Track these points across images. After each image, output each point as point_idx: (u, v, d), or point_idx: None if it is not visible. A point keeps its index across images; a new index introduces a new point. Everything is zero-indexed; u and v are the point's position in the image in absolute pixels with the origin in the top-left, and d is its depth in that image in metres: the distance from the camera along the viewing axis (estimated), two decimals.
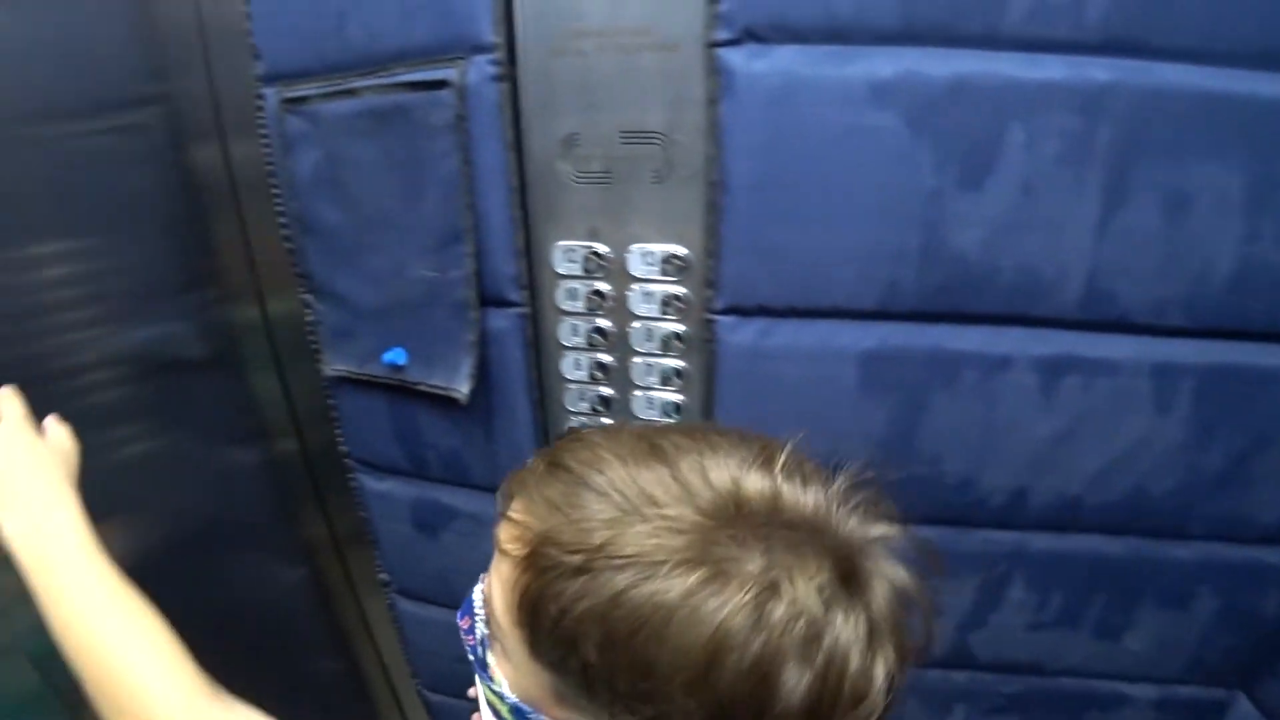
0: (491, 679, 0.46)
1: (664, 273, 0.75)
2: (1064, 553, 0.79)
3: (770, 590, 0.34)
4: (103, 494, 0.82)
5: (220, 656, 0.97)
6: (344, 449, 0.98)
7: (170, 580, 0.92)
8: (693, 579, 0.34)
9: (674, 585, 0.34)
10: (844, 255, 0.69)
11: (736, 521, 0.36)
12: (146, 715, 0.48)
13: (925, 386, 0.73)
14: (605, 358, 0.81)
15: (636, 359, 0.80)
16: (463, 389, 0.80)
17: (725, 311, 0.74)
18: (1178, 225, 0.65)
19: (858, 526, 0.38)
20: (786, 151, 0.67)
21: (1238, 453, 0.72)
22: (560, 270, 0.78)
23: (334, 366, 0.91)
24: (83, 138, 0.81)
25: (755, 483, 0.38)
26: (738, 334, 0.74)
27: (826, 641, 0.34)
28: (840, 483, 0.40)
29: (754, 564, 0.34)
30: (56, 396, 0.77)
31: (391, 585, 1.06)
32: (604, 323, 0.79)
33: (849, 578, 0.36)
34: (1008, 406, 0.73)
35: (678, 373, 0.79)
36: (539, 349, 0.81)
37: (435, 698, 1.15)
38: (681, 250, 0.74)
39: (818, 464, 0.42)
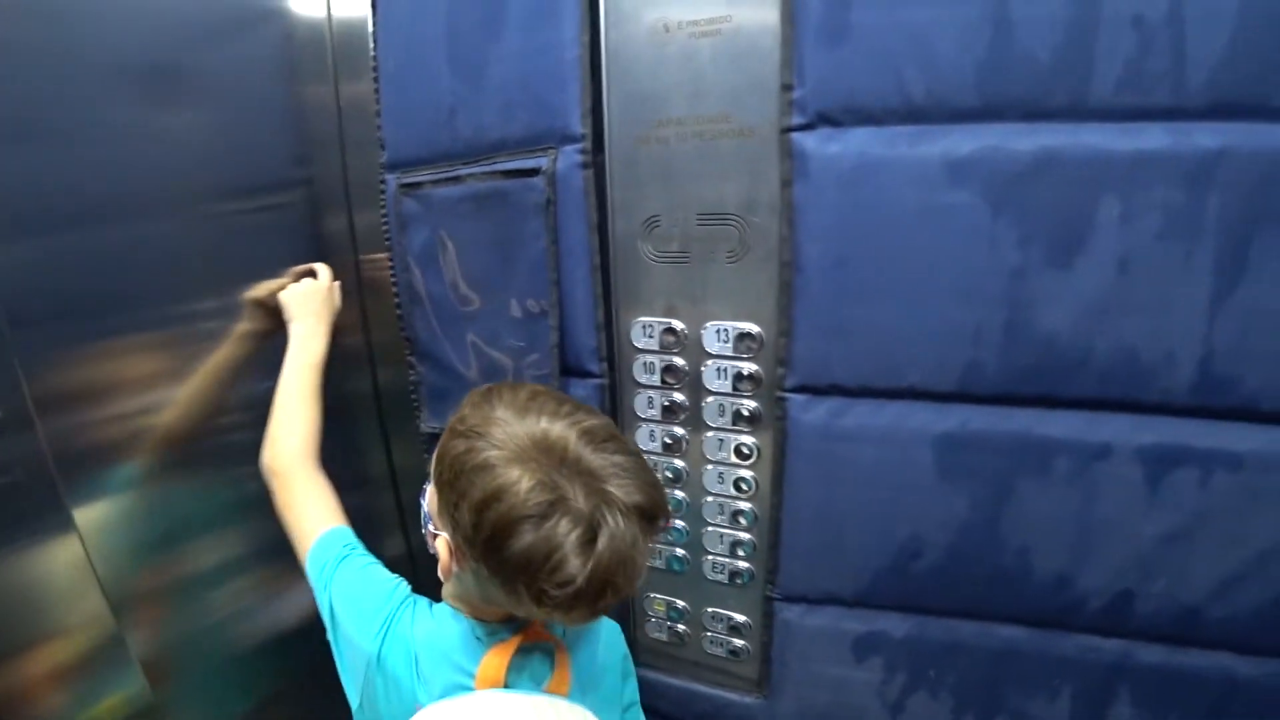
0: (425, 519, 0.66)
1: (737, 350, 0.76)
2: (1182, 669, 0.70)
3: (544, 487, 0.52)
4: (224, 530, 0.92)
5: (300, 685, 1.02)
6: None
7: (260, 611, 1.00)
8: (500, 455, 0.54)
9: (493, 457, 0.54)
10: (921, 335, 0.68)
11: (541, 450, 0.54)
12: (281, 447, 0.80)
13: (1011, 473, 0.69)
14: (679, 430, 0.82)
15: (709, 433, 0.81)
16: None
17: (797, 390, 0.74)
18: None
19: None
20: (860, 231, 0.67)
21: None
22: (638, 344, 0.81)
23: (429, 424, 0.98)
24: (240, 215, 0.94)
25: (557, 430, 0.55)
26: (809, 413, 0.73)
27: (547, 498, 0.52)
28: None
29: (539, 475, 0.53)
30: (208, 433, 0.89)
31: None
32: (678, 396, 0.81)
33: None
34: (1109, 500, 0.67)
35: (748, 449, 0.79)
36: (616, 419, 0.84)
37: None
38: (754, 328, 0.75)
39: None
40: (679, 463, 0.83)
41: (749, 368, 0.76)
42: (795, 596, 0.80)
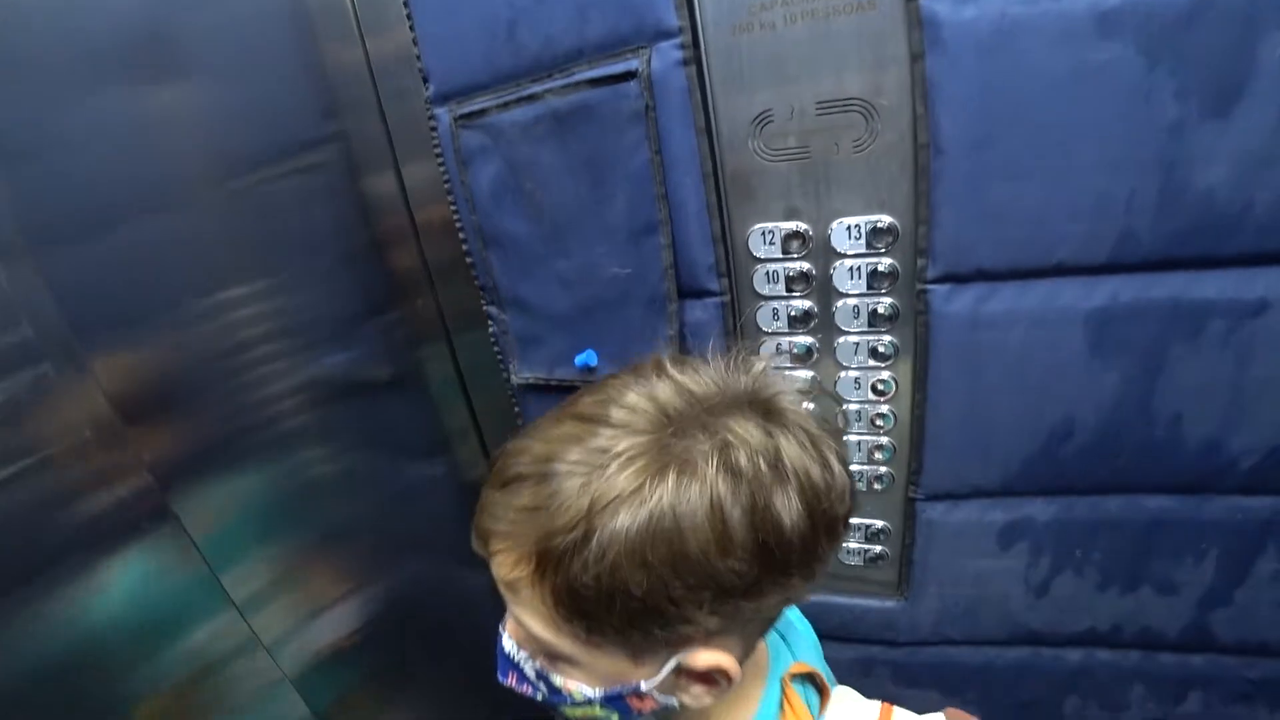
0: (571, 695, 0.48)
1: (871, 246, 0.73)
2: None
3: (725, 450, 0.40)
4: (305, 509, 0.87)
5: (408, 657, 1.00)
6: None
7: (365, 590, 0.97)
8: (670, 481, 0.39)
9: (661, 494, 0.39)
10: (1072, 208, 0.66)
11: (670, 424, 0.42)
12: None
13: (1164, 342, 0.68)
14: (808, 339, 0.79)
15: (842, 339, 0.78)
16: None
17: (939, 280, 0.71)
18: None
19: (750, 377, 0.45)
20: (1004, 102, 0.64)
21: None
22: (759, 254, 0.77)
23: (522, 375, 0.92)
24: (268, 183, 0.85)
25: (664, 391, 0.43)
26: (953, 303, 0.71)
27: (786, 461, 0.41)
28: (729, 354, 0.47)
29: (703, 443, 0.40)
30: (260, 424, 0.82)
31: None
32: (806, 304, 0.77)
33: (769, 412, 0.43)
34: (1265, 357, 0.67)
35: (886, 349, 0.76)
36: (739, 337, 0.80)
37: None
38: (889, 220, 0.71)
39: (693, 355, 0.48)
40: (810, 373, 0.80)
41: (885, 263, 0.73)
42: (939, 494, 0.79)
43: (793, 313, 0.78)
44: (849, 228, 0.73)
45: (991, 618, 0.86)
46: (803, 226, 0.74)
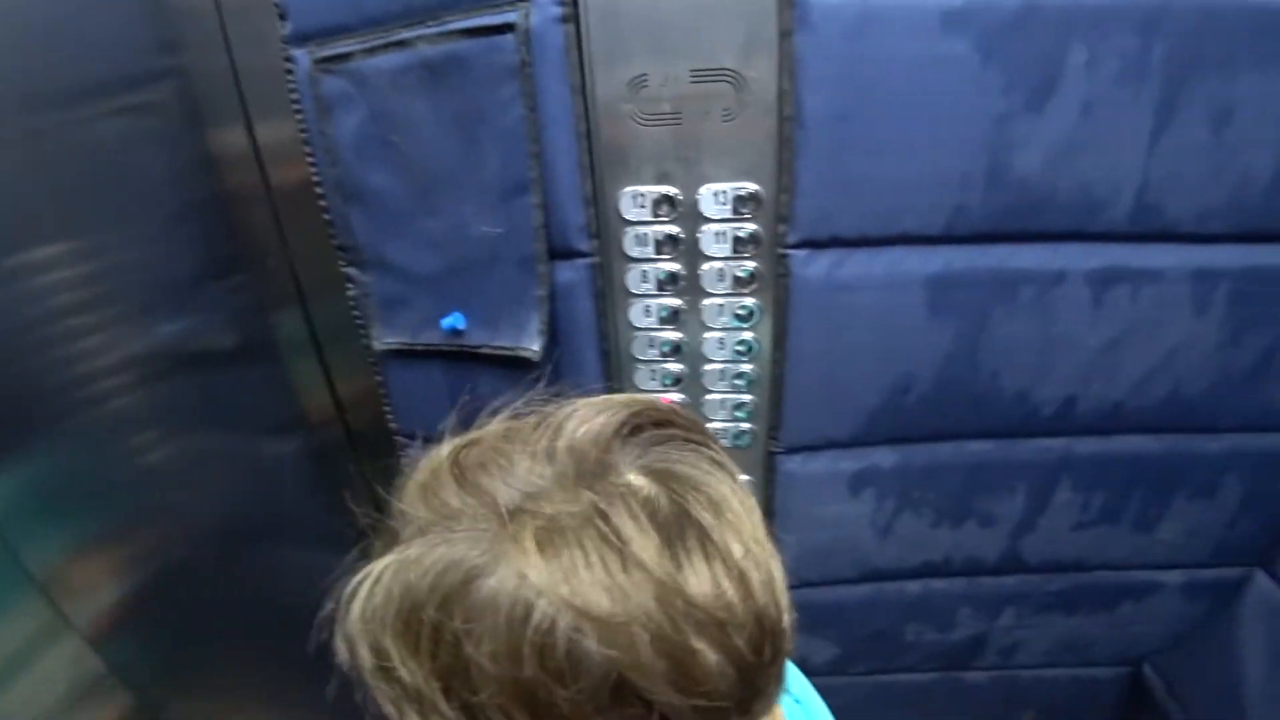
0: None
1: (736, 211, 0.76)
2: (1107, 454, 0.86)
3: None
4: (137, 496, 0.79)
5: (262, 649, 0.94)
6: (393, 425, 0.96)
7: (213, 577, 0.90)
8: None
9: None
10: (916, 182, 0.72)
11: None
12: None
13: (987, 305, 0.77)
14: (675, 302, 0.82)
15: (707, 300, 0.81)
16: (533, 346, 0.80)
17: (799, 245, 0.76)
18: (1223, 136, 0.70)
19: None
20: (861, 83, 0.69)
21: (1266, 349, 0.79)
22: (629, 216, 0.78)
23: (384, 340, 0.88)
24: (89, 123, 0.75)
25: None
26: (811, 267, 0.76)
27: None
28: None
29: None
30: (78, 404, 0.73)
31: None
32: (674, 266, 0.80)
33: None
34: (1062, 319, 0.78)
35: (748, 310, 0.81)
36: (607, 298, 0.81)
37: None
38: (755, 187, 0.75)
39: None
40: (676, 334, 0.83)
41: (749, 228, 0.77)
42: (796, 447, 0.85)
43: (660, 275, 0.80)
44: (716, 194, 0.75)
45: (843, 559, 0.94)
46: (673, 191, 0.76)
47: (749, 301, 0.80)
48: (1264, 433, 0.84)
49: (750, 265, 0.78)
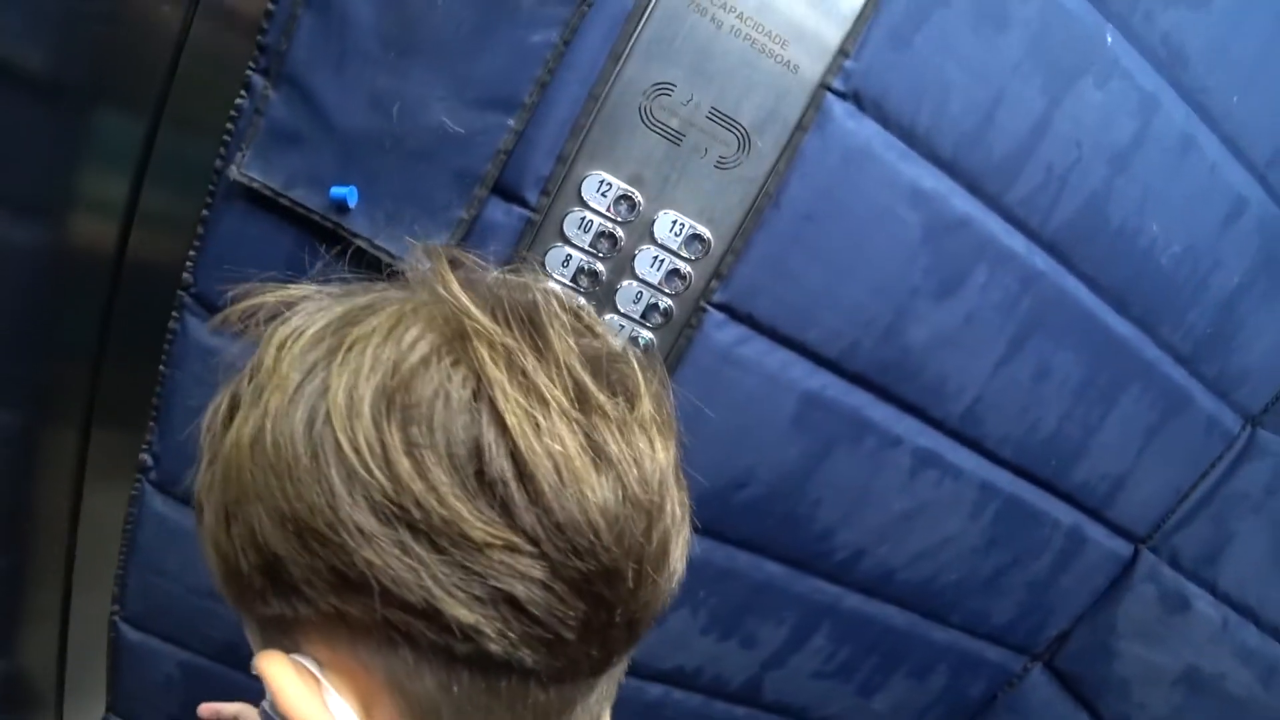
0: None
1: (683, 247, 0.77)
2: (865, 615, 0.94)
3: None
4: None
5: None
6: (188, 280, 0.76)
7: None
8: None
9: None
10: (834, 303, 0.79)
11: None
12: None
13: (837, 438, 0.84)
14: (579, 300, 0.77)
15: (610, 315, 0.78)
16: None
17: (719, 307, 0.78)
18: (1035, 386, 0.88)
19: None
20: (837, 198, 0.76)
21: (1001, 566, 0.94)
22: (586, 197, 0.75)
23: (247, 171, 0.72)
24: None
25: None
26: (720, 331, 0.78)
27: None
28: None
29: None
30: None
31: (151, 471, 0.80)
32: (599, 266, 0.77)
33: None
34: (884, 477, 0.87)
35: (643, 343, 0.79)
36: (523, 262, 0.75)
37: (134, 635, 0.85)
38: (709, 234, 0.77)
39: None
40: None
41: (685, 269, 0.77)
42: None
43: (582, 266, 0.76)
44: (675, 221, 0.76)
45: None
46: (638, 196, 0.75)
47: (646, 334, 0.79)
48: (974, 636, 0.98)
49: (668, 302, 0.78)
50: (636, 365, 0.33)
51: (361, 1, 0.69)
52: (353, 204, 0.71)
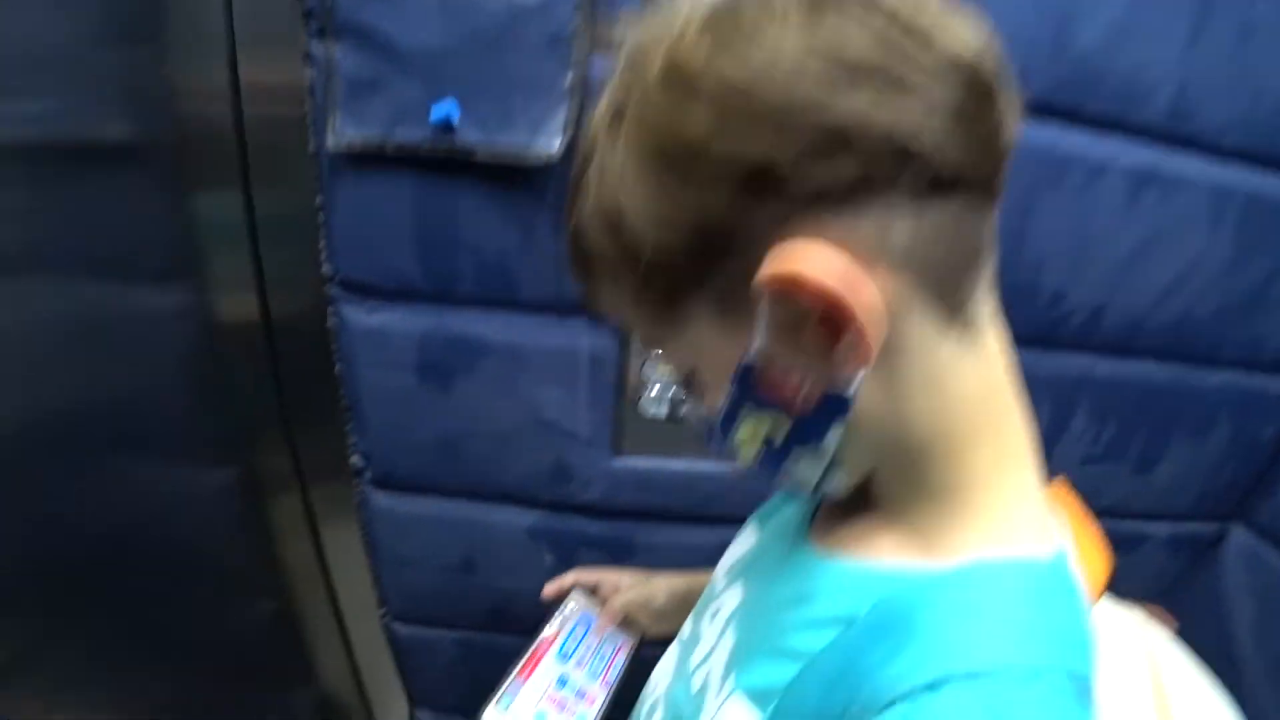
0: (722, 416, 0.35)
1: None
2: (1123, 379, 0.83)
3: None
4: None
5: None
6: (328, 272, 0.74)
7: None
8: None
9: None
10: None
11: None
12: None
13: (1037, 187, 0.74)
14: None
15: None
16: (552, 145, 0.65)
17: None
18: (1244, 51, 0.74)
19: None
20: None
21: (1259, 278, 0.81)
22: None
23: (345, 133, 0.68)
24: None
25: None
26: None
27: None
28: None
29: None
30: None
31: (366, 472, 0.80)
32: None
33: None
34: (1100, 215, 0.76)
35: None
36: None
37: (406, 630, 0.86)
38: None
39: None
40: None
41: None
42: None
43: None
44: None
45: None
46: None
47: None
48: (1252, 371, 0.85)
49: None
50: None
51: None
52: (456, 119, 0.67)
